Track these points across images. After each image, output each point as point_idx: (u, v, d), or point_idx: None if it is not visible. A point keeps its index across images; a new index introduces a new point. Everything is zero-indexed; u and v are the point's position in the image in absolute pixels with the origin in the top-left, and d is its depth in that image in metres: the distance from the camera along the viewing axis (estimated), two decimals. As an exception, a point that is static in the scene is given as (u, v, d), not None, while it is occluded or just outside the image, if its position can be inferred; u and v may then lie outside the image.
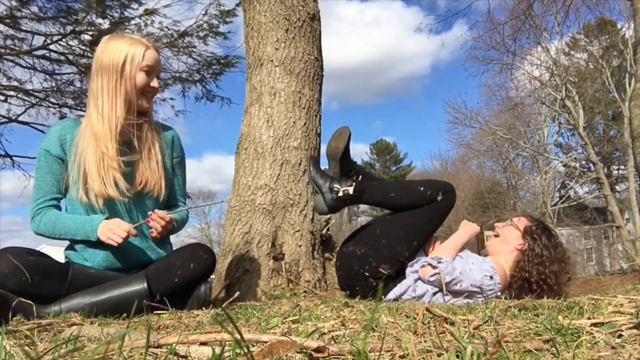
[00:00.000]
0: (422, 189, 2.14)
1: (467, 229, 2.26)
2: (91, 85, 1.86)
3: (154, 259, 1.91)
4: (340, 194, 2.17)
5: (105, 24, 7.31)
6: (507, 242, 2.18)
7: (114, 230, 1.73)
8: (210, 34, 7.75)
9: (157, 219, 1.84)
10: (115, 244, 1.73)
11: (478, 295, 2.00)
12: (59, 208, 1.89)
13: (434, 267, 2.02)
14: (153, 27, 7.55)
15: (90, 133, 1.82)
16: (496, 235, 2.24)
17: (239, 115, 2.99)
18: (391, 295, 2.10)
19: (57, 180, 1.84)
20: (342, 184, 2.18)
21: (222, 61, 8.07)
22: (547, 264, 2.05)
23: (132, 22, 7.45)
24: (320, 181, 2.20)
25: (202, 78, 8.11)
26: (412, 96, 56.15)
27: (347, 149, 2.24)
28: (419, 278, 2.07)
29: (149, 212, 1.86)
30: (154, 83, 1.90)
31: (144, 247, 1.92)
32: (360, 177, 2.31)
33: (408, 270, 2.13)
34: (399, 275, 2.13)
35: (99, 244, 1.78)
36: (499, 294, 2.01)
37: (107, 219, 1.80)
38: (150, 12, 7.32)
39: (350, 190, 2.18)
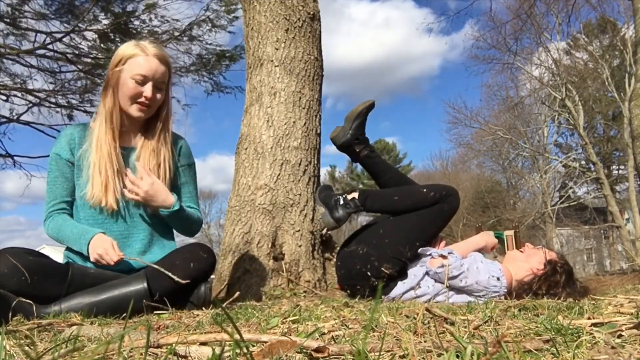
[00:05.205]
0: (425, 191, 2.18)
1: (484, 238, 2.25)
2: None
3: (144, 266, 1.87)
4: (341, 202, 2.22)
5: (108, 19, 7.34)
6: (528, 260, 2.12)
7: (103, 257, 1.70)
8: (214, 28, 7.86)
9: (137, 180, 1.81)
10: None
11: (479, 295, 2.00)
12: (71, 211, 1.88)
13: (444, 258, 2.02)
14: (155, 22, 7.64)
15: (96, 133, 1.85)
16: (521, 250, 2.20)
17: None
18: (393, 294, 2.10)
19: (68, 184, 1.85)
20: (345, 195, 2.26)
21: (227, 55, 8.19)
22: (558, 292, 1.98)
23: (133, 17, 7.49)
24: (326, 198, 2.30)
25: (210, 70, 8.24)
26: (420, 96, 55.65)
27: (363, 114, 2.45)
28: (426, 272, 2.08)
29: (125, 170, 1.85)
30: (147, 93, 1.82)
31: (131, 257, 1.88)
32: (366, 150, 2.46)
33: (411, 271, 2.13)
34: (401, 275, 2.13)
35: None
36: (502, 297, 2.00)
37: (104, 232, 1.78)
38: (150, 6, 7.37)
39: (356, 195, 2.24)
